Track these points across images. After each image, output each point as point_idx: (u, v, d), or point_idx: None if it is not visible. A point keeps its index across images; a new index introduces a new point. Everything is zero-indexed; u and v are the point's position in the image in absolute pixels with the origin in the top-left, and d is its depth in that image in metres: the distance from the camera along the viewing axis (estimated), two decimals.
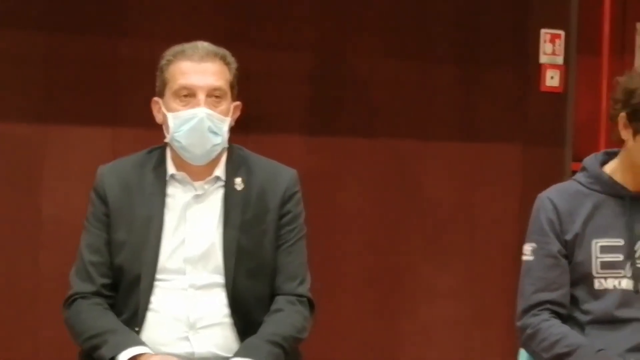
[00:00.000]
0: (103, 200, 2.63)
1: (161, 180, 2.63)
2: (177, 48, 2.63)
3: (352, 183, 4.32)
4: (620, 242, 2.58)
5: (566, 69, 4.55)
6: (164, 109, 2.62)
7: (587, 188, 2.65)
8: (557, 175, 4.31)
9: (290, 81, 4.18)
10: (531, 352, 2.63)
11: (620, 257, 2.57)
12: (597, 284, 2.57)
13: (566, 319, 2.61)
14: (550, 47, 4.55)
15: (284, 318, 2.62)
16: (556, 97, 4.55)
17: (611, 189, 2.62)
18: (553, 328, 2.56)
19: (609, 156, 2.69)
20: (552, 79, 4.54)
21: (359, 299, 4.34)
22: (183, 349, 2.55)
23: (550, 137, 4.54)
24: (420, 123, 4.39)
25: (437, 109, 4.41)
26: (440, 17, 4.40)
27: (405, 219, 4.39)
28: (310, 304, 2.69)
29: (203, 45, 2.63)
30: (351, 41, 4.28)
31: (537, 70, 4.52)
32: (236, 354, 2.55)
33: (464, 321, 4.47)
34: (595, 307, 2.57)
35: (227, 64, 2.63)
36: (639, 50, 4.78)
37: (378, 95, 4.33)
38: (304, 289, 2.68)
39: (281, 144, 4.07)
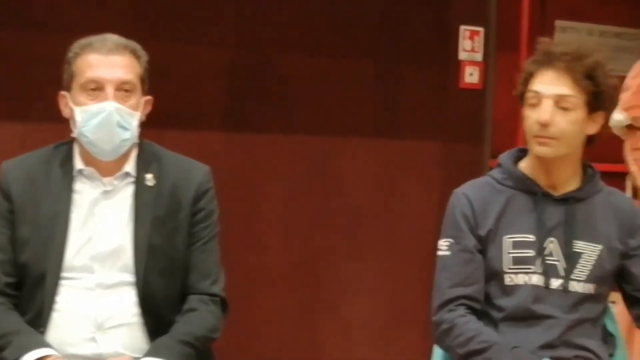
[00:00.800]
0: (7, 196, 2.56)
1: (68, 176, 2.56)
2: (84, 41, 2.57)
3: (272, 180, 4.28)
4: (531, 238, 2.58)
5: (485, 66, 4.58)
6: (71, 103, 2.55)
7: (501, 184, 2.65)
8: (476, 171, 4.31)
9: (207, 76, 4.12)
10: (446, 348, 2.62)
11: (531, 253, 2.57)
12: (508, 280, 2.57)
13: (481, 315, 2.60)
14: (470, 44, 4.56)
15: (197, 318, 2.58)
16: (475, 94, 4.57)
17: (523, 185, 2.62)
18: (469, 324, 2.55)
19: (524, 153, 2.69)
20: (471, 76, 4.56)
21: (278, 297, 4.31)
22: (90, 350, 2.49)
23: (469, 133, 4.57)
24: (339, 119, 4.37)
25: (357, 105, 4.40)
26: (360, 13, 4.38)
27: (325, 215, 4.37)
28: (224, 304, 2.65)
29: (112, 37, 2.57)
30: (270, 36, 4.24)
31: (457, 67, 4.54)
32: (146, 354, 2.50)
33: (384, 318, 4.47)
34: (506, 303, 2.57)
35: (137, 57, 2.58)
36: None
37: (298, 92, 4.30)
38: (217, 288, 2.64)
39: (199, 141, 4.02)
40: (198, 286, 2.61)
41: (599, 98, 2.54)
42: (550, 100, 2.53)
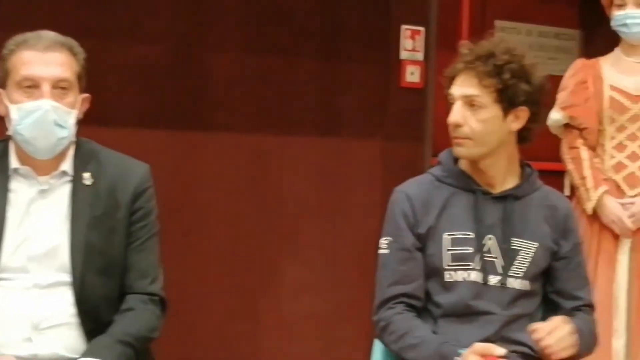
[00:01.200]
0: None
1: (3, 175, 2.53)
2: (20, 37, 2.54)
3: (212, 179, 4.26)
4: (470, 235, 2.60)
5: (426, 65, 4.60)
6: (6, 101, 2.52)
7: (441, 181, 2.67)
8: (417, 170, 4.32)
9: (146, 74, 4.08)
10: (384, 345, 2.64)
11: (470, 250, 2.59)
12: (448, 276, 2.59)
13: (421, 311, 2.62)
14: (411, 43, 4.59)
15: (135, 317, 2.56)
16: (416, 93, 4.60)
17: (462, 183, 2.65)
18: (404, 321, 2.58)
19: None
20: (412, 75, 4.59)
21: (219, 296, 4.29)
22: (26, 350, 2.46)
23: (410, 132, 4.59)
24: (280, 118, 4.36)
25: (298, 104, 4.40)
26: (301, 11, 4.38)
27: (266, 214, 4.36)
28: (163, 303, 2.63)
29: (48, 34, 2.54)
30: (209, 34, 4.21)
31: (398, 66, 4.56)
32: (84, 354, 2.47)
33: (325, 316, 4.47)
34: (446, 299, 2.59)
35: (74, 54, 2.55)
36: None
37: (238, 90, 4.28)
38: (156, 288, 2.62)
39: (138, 139, 3.98)
40: (136, 285, 2.59)
41: (508, 94, 2.57)
42: (460, 101, 2.60)
